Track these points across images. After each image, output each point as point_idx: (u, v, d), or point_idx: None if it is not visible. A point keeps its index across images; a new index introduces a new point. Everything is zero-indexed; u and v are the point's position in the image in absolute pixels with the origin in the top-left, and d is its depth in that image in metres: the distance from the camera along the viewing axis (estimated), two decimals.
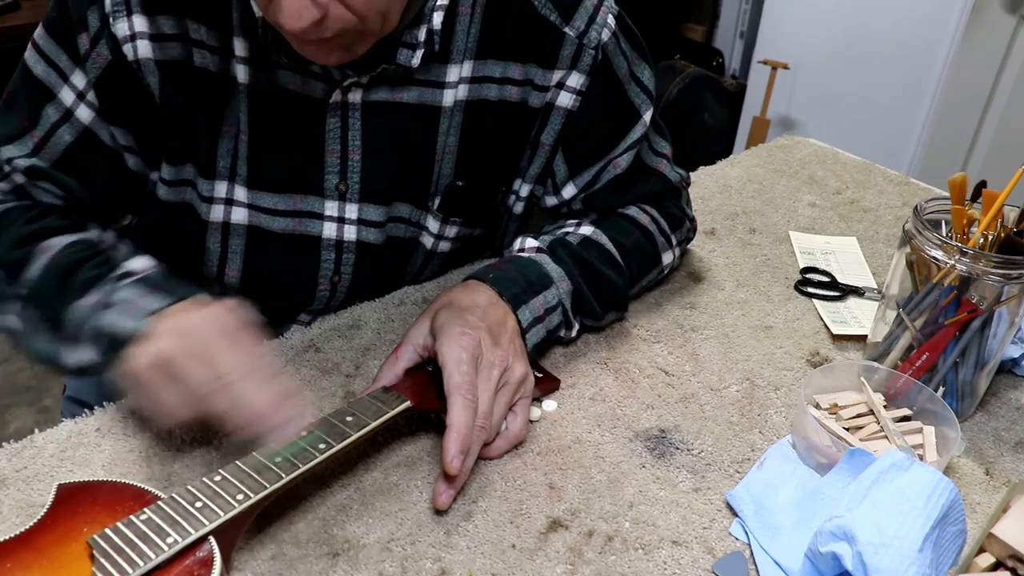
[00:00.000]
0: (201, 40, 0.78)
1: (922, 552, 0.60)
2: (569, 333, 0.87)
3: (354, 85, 0.79)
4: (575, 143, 0.90)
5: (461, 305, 0.76)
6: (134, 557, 0.54)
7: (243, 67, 0.79)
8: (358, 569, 0.63)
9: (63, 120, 0.79)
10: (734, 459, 0.76)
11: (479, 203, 0.92)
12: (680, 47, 3.22)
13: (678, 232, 0.97)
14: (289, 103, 0.80)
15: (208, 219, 0.85)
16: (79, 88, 0.79)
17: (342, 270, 0.90)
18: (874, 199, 1.25)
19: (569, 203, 0.94)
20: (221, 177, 0.83)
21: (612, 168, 0.91)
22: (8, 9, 2.18)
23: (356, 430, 0.66)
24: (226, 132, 0.81)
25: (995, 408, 0.85)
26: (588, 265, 0.86)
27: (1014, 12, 2.34)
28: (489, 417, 0.71)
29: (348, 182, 0.84)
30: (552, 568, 0.65)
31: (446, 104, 0.84)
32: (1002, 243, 0.77)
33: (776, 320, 0.96)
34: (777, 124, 2.77)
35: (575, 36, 0.85)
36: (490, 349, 0.73)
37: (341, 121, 0.81)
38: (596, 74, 0.86)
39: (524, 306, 0.80)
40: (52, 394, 2.16)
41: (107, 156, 0.82)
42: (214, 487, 0.60)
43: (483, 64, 0.84)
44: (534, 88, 0.86)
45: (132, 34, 0.76)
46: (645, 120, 0.91)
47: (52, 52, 0.78)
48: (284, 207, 0.85)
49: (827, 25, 2.54)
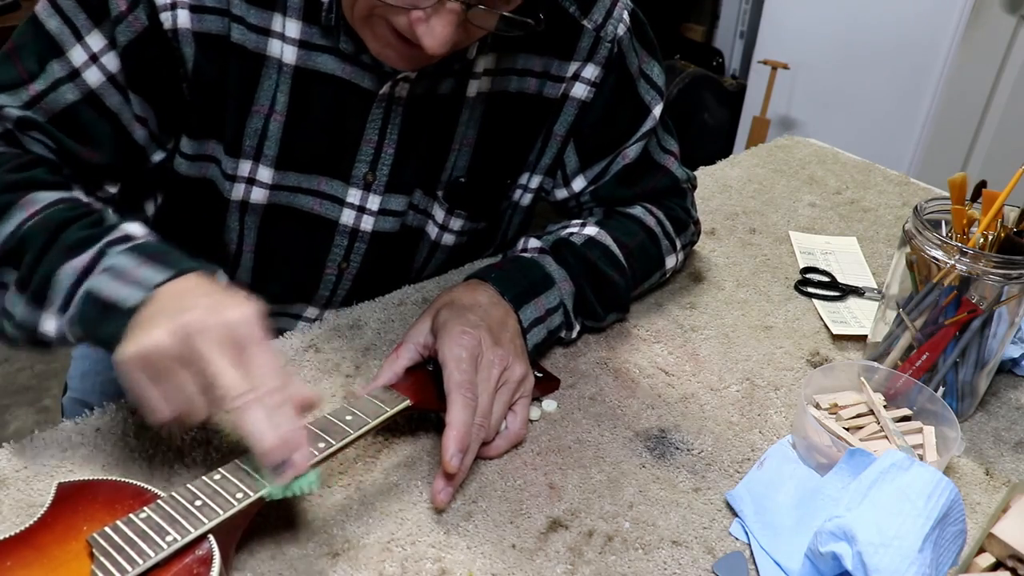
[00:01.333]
0: (241, 16, 0.77)
1: (922, 552, 0.60)
2: (570, 334, 0.87)
3: (402, 80, 0.80)
4: (587, 135, 0.91)
5: (463, 304, 0.76)
6: (133, 555, 0.54)
7: (291, 49, 0.79)
8: (358, 569, 0.63)
9: (68, 79, 0.75)
10: (734, 459, 0.76)
11: (484, 196, 0.93)
12: (680, 47, 3.22)
13: (683, 235, 0.97)
14: (335, 89, 0.80)
15: (230, 197, 0.85)
16: (93, 50, 0.75)
17: (352, 258, 0.90)
18: (874, 199, 1.25)
19: (578, 196, 0.95)
20: (246, 156, 0.83)
21: (621, 159, 0.92)
22: (8, 9, 2.18)
23: (356, 429, 0.66)
24: (256, 112, 0.81)
25: (995, 408, 0.85)
26: (591, 266, 0.86)
27: (1014, 12, 2.34)
28: (488, 416, 0.71)
29: (377, 173, 0.85)
30: (552, 568, 0.65)
31: (470, 94, 0.85)
32: (1002, 243, 0.77)
33: (776, 320, 0.96)
34: (777, 124, 2.77)
35: (592, 29, 0.86)
36: (490, 348, 0.73)
37: (384, 113, 0.82)
38: (610, 67, 0.88)
39: (526, 306, 0.80)
40: (52, 394, 2.16)
41: (111, 122, 0.78)
42: (214, 486, 0.60)
43: (506, 56, 0.85)
44: (551, 79, 0.87)
45: (173, 2, 0.75)
46: (655, 115, 0.92)
47: (70, 9, 0.75)
48: (308, 186, 0.85)
49: (827, 25, 2.54)
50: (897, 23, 2.38)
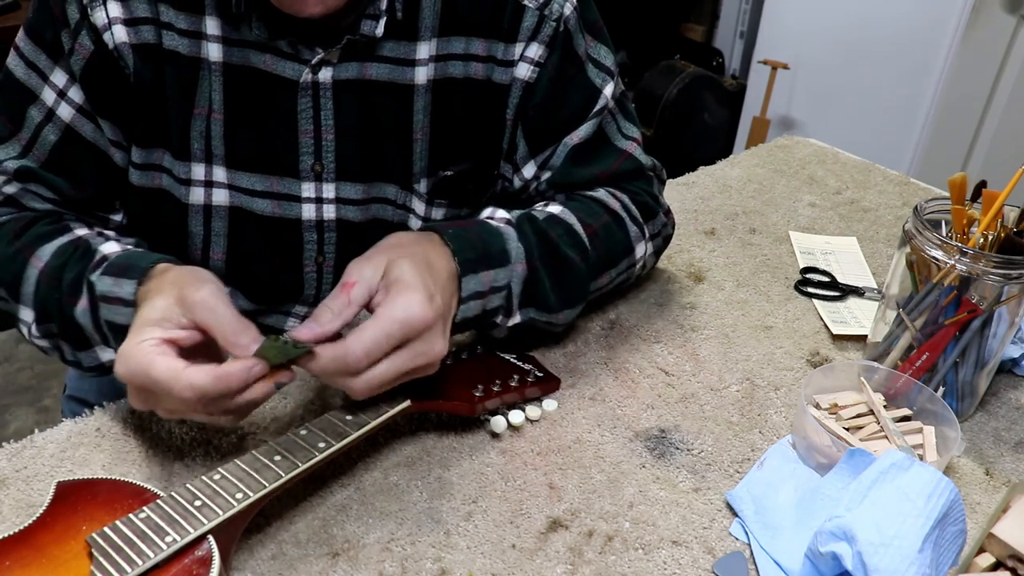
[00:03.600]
0: (170, 22, 0.78)
1: (922, 552, 0.60)
2: (505, 321, 0.80)
3: (323, 63, 0.80)
4: (532, 116, 0.87)
5: (419, 256, 0.69)
6: (133, 556, 0.54)
7: (216, 46, 0.79)
8: (358, 569, 0.63)
9: (47, 120, 0.80)
10: (734, 459, 0.76)
11: (463, 185, 0.91)
12: (680, 47, 3.23)
13: (651, 223, 0.92)
14: (261, 83, 0.80)
15: (188, 202, 0.85)
16: (59, 86, 0.79)
17: (325, 250, 0.89)
18: (874, 199, 1.25)
19: (532, 184, 0.91)
20: (197, 159, 0.83)
21: (571, 139, 0.88)
22: (8, 9, 2.18)
23: (356, 429, 0.66)
24: (198, 114, 0.81)
25: (995, 408, 0.85)
26: (551, 245, 0.81)
27: (1014, 12, 2.34)
28: (360, 365, 0.64)
29: (323, 162, 0.84)
30: (552, 568, 0.65)
31: (419, 82, 0.84)
32: (1002, 243, 0.77)
33: (776, 320, 0.96)
34: (777, 124, 2.77)
35: (535, 8, 0.83)
36: (430, 338, 0.66)
37: (312, 101, 0.81)
38: (554, 45, 0.85)
39: (472, 276, 0.74)
40: (52, 394, 2.16)
41: (90, 152, 0.82)
42: (213, 486, 0.60)
43: (447, 41, 0.83)
44: (497, 64, 0.85)
45: (109, 21, 0.77)
46: (606, 94, 0.89)
47: (31, 53, 0.79)
48: (263, 188, 0.85)
49: (827, 25, 2.54)
50: (897, 23, 2.38)
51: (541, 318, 0.82)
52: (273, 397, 0.77)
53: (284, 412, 0.77)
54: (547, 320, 0.83)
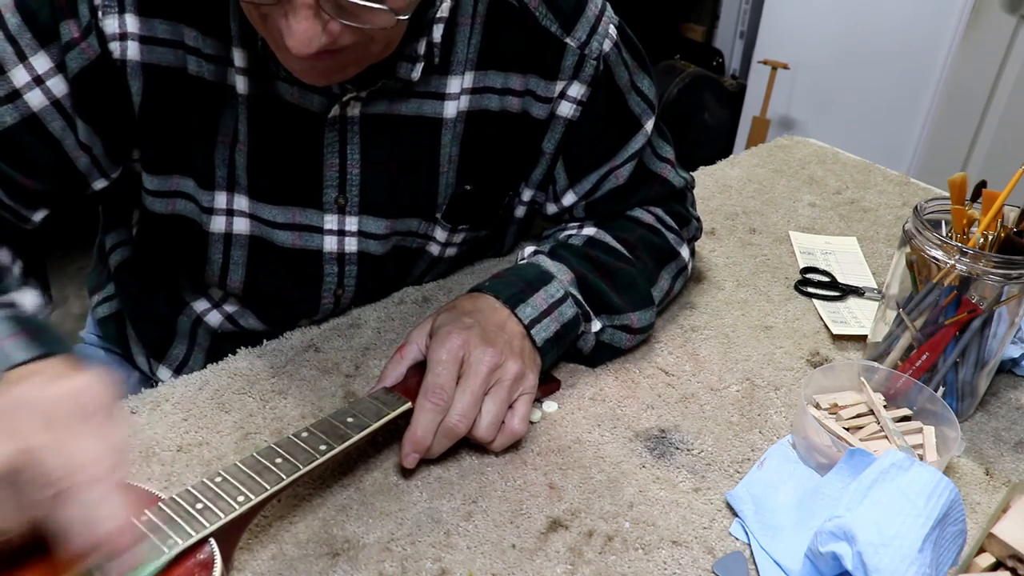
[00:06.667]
0: (198, 48, 0.76)
1: (922, 552, 0.60)
2: (590, 325, 0.83)
3: (353, 99, 0.79)
4: (575, 153, 0.90)
5: (462, 310, 0.76)
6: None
7: (242, 78, 0.78)
8: (358, 569, 0.63)
9: (6, 100, 0.74)
10: (734, 459, 0.76)
11: (485, 208, 0.92)
12: (680, 47, 3.22)
13: (686, 229, 0.96)
14: (288, 115, 0.79)
15: (210, 230, 0.84)
16: (38, 72, 0.74)
17: (345, 283, 0.89)
18: (874, 199, 1.25)
19: (570, 210, 0.94)
20: (220, 188, 0.82)
21: (614, 178, 0.91)
22: None
23: (357, 431, 0.66)
24: (221, 142, 0.80)
25: (995, 408, 0.85)
26: (593, 259, 0.85)
27: (1014, 12, 2.34)
28: (467, 415, 0.70)
29: (347, 195, 0.84)
30: (552, 568, 0.65)
31: (448, 116, 0.83)
32: (1002, 243, 0.77)
33: (776, 320, 0.96)
34: (777, 124, 2.77)
35: (576, 47, 0.84)
36: (478, 347, 0.72)
37: (339, 135, 0.81)
38: (597, 84, 0.86)
39: (523, 304, 0.78)
40: None
41: (52, 148, 0.77)
42: (215, 488, 0.60)
43: (484, 75, 0.84)
44: (536, 99, 0.86)
45: (122, 33, 0.75)
46: (647, 130, 0.91)
47: (15, 28, 0.73)
48: (284, 220, 0.84)
49: (827, 25, 2.54)
50: (897, 23, 2.38)
51: (615, 322, 0.84)
52: (273, 398, 0.77)
53: (285, 414, 0.77)
54: (622, 324, 0.85)
